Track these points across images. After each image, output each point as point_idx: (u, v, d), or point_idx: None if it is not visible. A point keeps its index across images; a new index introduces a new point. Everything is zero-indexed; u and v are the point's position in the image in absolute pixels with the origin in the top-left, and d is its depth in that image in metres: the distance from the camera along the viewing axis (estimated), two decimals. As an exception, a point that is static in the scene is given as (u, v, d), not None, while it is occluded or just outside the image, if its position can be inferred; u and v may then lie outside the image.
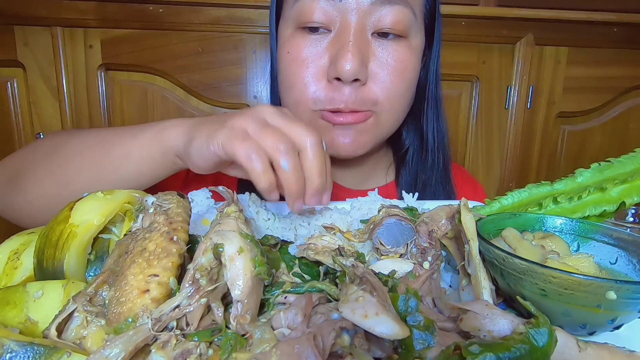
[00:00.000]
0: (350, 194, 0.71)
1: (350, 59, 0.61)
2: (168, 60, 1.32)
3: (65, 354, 0.28)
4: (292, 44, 0.67)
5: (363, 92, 0.65)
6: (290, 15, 0.67)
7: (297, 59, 0.66)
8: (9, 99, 1.30)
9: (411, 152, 0.82)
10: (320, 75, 0.66)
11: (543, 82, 1.49)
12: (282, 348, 0.27)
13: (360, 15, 0.63)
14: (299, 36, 0.66)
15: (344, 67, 0.61)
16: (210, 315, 0.32)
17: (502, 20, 1.38)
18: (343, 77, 0.62)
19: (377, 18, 0.63)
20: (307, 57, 0.65)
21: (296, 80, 0.67)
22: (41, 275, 0.38)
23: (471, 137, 1.52)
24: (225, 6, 1.28)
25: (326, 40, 0.65)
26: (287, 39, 0.67)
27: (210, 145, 0.48)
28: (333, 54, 0.64)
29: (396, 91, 0.67)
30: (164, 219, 0.36)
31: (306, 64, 0.66)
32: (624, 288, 0.32)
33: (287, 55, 0.67)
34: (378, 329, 0.26)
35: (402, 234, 0.45)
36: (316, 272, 0.41)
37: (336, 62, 0.62)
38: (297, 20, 0.65)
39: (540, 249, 0.41)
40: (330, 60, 0.64)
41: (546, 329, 0.29)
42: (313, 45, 0.65)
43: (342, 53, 0.61)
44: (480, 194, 0.91)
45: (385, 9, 0.63)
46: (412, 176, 0.81)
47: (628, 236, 0.42)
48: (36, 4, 1.22)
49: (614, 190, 0.50)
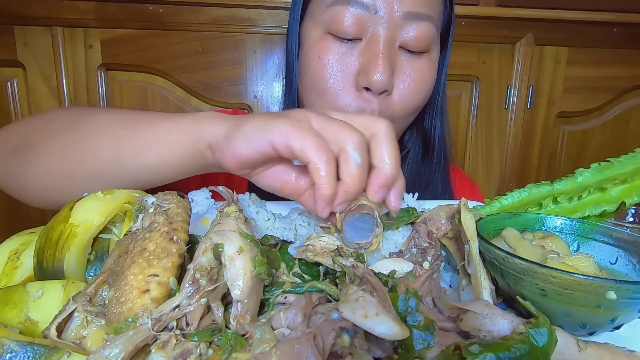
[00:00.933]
0: None
1: (382, 71, 0.62)
2: (168, 60, 1.32)
3: (65, 354, 0.28)
4: (323, 48, 0.67)
5: (387, 104, 0.67)
6: (321, 19, 0.67)
7: (329, 64, 0.66)
8: (9, 99, 1.30)
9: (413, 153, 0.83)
10: (350, 84, 0.66)
11: (543, 82, 1.49)
12: (282, 348, 0.27)
13: (390, 27, 0.64)
14: (330, 41, 0.66)
15: (376, 78, 0.62)
16: (210, 315, 0.32)
17: (502, 20, 1.38)
18: (374, 88, 0.63)
19: (405, 32, 0.65)
20: (339, 64, 0.66)
21: (327, 87, 0.67)
22: (41, 275, 0.38)
23: (471, 137, 1.52)
24: (225, 6, 1.28)
25: (357, 48, 0.66)
26: (317, 42, 0.68)
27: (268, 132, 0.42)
28: (364, 63, 0.65)
29: (413, 104, 0.69)
30: (164, 219, 0.36)
31: (337, 71, 0.66)
32: (624, 288, 0.32)
33: (317, 60, 0.67)
34: (378, 329, 0.26)
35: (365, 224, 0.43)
36: (316, 272, 0.41)
37: (367, 72, 0.63)
38: (329, 25, 0.66)
39: (540, 249, 0.41)
40: (360, 69, 0.65)
41: (546, 329, 0.29)
42: (345, 52, 0.66)
43: (373, 64, 0.63)
44: (478, 195, 0.92)
45: (413, 24, 0.65)
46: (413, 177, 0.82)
47: (628, 236, 0.42)
48: (36, 4, 1.22)
49: (614, 190, 0.50)
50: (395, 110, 0.68)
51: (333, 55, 0.66)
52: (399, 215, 0.52)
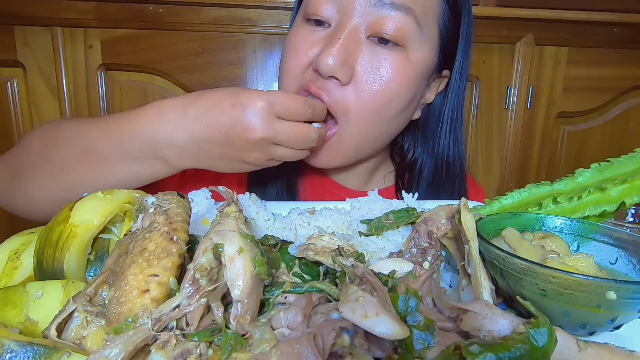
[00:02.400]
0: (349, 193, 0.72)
1: (332, 54, 0.60)
2: (168, 60, 1.32)
3: (65, 354, 0.28)
4: (294, 32, 0.68)
5: (339, 94, 0.63)
6: (302, 6, 0.69)
7: (294, 46, 0.67)
8: (9, 99, 1.30)
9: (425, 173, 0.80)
10: (305, 65, 0.66)
11: (543, 82, 1.49)
12: (282, 348, 0.27)
13: (359, 15, 0.62)
14: (302, 26, 0.67)
15: (324, 60, 0.60)
16: (210, 315, 0.32)
17: (502, 20, 1.38)
18: (320, 70, 0.61)
19: (375, 21, 0.62)
20: (300, 46, 0.66)
21: (286, 67, 0.68)
22: (41, 275, 0.38)
23: (471, 137, 1.52)
24: (225, 6, 1.28)
25: (322, 32, 0.65)
26: (294, 27, 0.70)
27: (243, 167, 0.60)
28: (323, 46, 0.63)
29: (373, 100, 0.63)
30: (164, 219, 0.36)
31: (299, 53, 0.66)
32: (624, 288, 0.32)
33: (287, 43, 0.69)
34: (378, 329, 0.26)
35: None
36: (316, 272, 0.41)
37: (320, 54, 0.61)
38: (305, 11, 0.66)
39: (540, 249, 0.41)
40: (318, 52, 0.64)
41: (546, 329, 0.29)
42: (310, 35, 0.65)
43: (328, 47, 0.61)
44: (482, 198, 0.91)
45: (385, 12, 0.61)
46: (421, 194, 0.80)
47: (628, 236, 0.42)
48: (36, 4, 1.22)
49: (614, 190, 0.50)
50: (349, 102, 0.63)
51: (299, 37, 0.66)
52: (399, 215, 0.52)
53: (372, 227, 0.52)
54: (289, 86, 0.68)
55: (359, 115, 0.64)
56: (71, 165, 0.61)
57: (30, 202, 0.63)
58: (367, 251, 0.47)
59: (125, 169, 0.59)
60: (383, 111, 0.65)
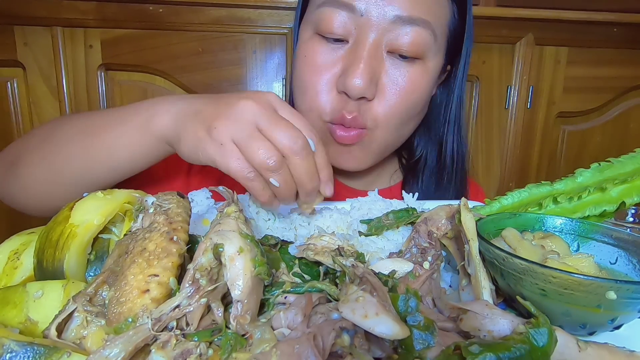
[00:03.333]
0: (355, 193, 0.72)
1: (360, 75, 0.60)
2: (168, 60, 1.32)
3: (65, 354, 0.28)
4: (309, 47, 0.66)
5: (368, 109, 0.65)
6: (311, 19, 0.66)
7: (313, 64, 0.66)
8: (9, 99, 1.30)
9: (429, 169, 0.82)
10: (331, 85, 0.65)
11: (543, 82, 1.49)
12: (282, 348, 0.27)
13: (378, 31, 0.62)
14: (317, 41, 0.66)
15: (353, 82, 0.61)
16: (210, 315, 0.32)
17: (502, 20, 1.38)
18: (350, 93, 0.62)
19: (394, 37, 0.62)
20: (321, 64, 0.65)
21: (308, 86, 0.66)
22: (41, 275, 0.38)
23: (471, 137, 1.52)
24: (225, 6, 1.28)
25: (342, 50, 0.64)
26: (305, 42, 0.67)
27: (200, 155, 0.49)
28: (345, 66, 0.63)
29: (398, 112, 0.66)
30: (164, 219, 0.36)
31: (320, 70, 0.65)
32: (624, 288, 0.32)
33: (303, 59, 0.67)
34: (378, 329, 0.26)
35: None
36: (316, 272, 0.41)
37: (346, 76, 0.62)
38: (317, 26, 0.65)
39: (540, 249, 0.41)
40: (342, 71, 0.64)
41: (546, 329, 0.29)
42: (329, 53, 0.65)
43: (353, 67, 0.61)
44: (482, 197, 0.91)
45: (404, 29, 0.62)
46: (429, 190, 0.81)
47: (628, 236, 0.42)
48: (36, 4, 1.22)
49: (614, 190, 0.50)
50: (377, 117, 0.65)
51: (318, 55, 0.65)
52: (399, 215, 0.52)
53: (372, 227, 0.52)
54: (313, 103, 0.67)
55: (385, 123, 0.67)
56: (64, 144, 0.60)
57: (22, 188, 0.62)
58: (367, 251, 0.47)
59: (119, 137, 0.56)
60: (405, 117, 0.68)
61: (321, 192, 0.51)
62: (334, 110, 0.65)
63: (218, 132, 0.47)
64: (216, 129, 0.47)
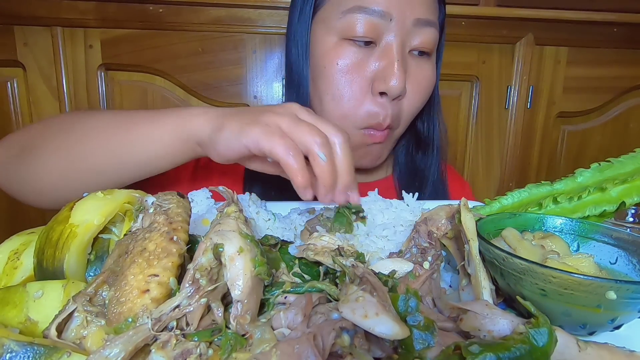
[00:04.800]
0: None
1: (398, 77, 0.65)
2: (168, 60, 1.32)
3: (65, 354, 0.28)
4: (340, 54, 0.68)
5: (399, 106, 0.70)
6: (336, 25, 0.68)
7: (347, 70, 0.68)
8: (9, 99, 1.30)
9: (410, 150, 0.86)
10: (367, 89, 0.69)
11: (543, 82, 1.49)
12: (282, 348, 0.27)
13: (403, 34, 0.67)
14: (347, 46, 0.68)
15: (392, 84, 0.65)
16: (210, 315, 0.32)
17: (502, 20, 1.38)
18: (391, 93, 0.66)
19: (414, 38, 0.68)
20: (356, 70, 0.68)
21: (345, 92, 0.69)
22: (41, 275, 0.38)
23: (471, 137, 1.52)
24: (225, 6, 1.28)
25: (373, 54, 0.68)
26: (333, 48, 0.69)
27: (243, 138, 0.49)
28: (380, 69, 0.67)
29: (418, 106, 0.73)
30: (164, 219, 0.36)
31: (355, 77, 0.68)
32: (624, 288, 0.32)
33: (335, 66, 0.69)
34: (378, 329, 0.26)
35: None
36: (316, 272, 0.41)
37: (385, 78, 0.66)
38: (345, 32, 0.67)
39: (540, 249, 0.41)
40: (377, 75, 0.68)
41: (546, 329, 0.29)
42: (361, 58, 0.68)
43: (390, 70, 0.66)
44: (468, 192, 0.93)
45: (422, 30, 0.68)
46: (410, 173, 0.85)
47: (628, 236, 0.42)
48: (36, 4, 1.22)
49: (614, 190, 0.50)
50: (404, 113, 0.72)
51: (350, 61, 0.68)
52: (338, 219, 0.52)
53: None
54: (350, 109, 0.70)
55: (406, 120, 0.74)
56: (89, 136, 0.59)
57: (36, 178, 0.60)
58: (367, 251, 0.47)
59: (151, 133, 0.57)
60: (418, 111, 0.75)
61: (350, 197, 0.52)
62: (371, 115, 0.69)
63: (266, 117, 0.49)
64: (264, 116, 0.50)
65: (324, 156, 0.47)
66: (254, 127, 0.49)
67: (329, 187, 0.49)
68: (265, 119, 0.49)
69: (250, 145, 0.49)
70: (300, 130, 0.48)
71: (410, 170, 0.85)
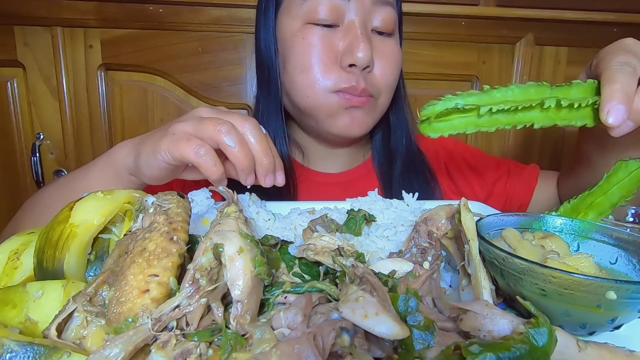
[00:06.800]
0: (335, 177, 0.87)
1: (364, 48, 0.70)
2: (168, 60, 1.32)
3: (65, 354, 0.28)
4: (306, 32, 0.73)
5: (370, 78, 0.75)
6: (299, 12, 0.74)
7: (314, 43, 0.73)
8: (9, 99, 1.30)
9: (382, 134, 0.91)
10: (335, 62, 0.73)
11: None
12: (282, 348, 0.27)
13: (363, 13, 0.73)
14: (311, 27, 0.73)
15: (359, 55, 0.70)
16: (210, 315, 0.32)
17: (502, 20, 1.38)
18: (359, 64, 0.71)
19: (375, 16, 0.74)
20: (320, 43, 0.73)
21: (313, 62, 0.73)
22: (41, 275, 0.38)
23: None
24: (225, 6, 1.28)
25: (336, 33, 0.73)
26: (299, 30, 0.74)
27: (157, 154, 0.52)
28: (346, 44, 0.72)
29: (392, 79, 0.79)
30: (164, 219, 0.36)
31: (322, 49, 0.73)
32: (624, 288, 0.32)
33: (302, 41, 0.74)
34: (378, 329, 0.26)
35: None
36: (316, 272, 0.41)
37: (352, 51, 0.71)
38: (308, 16, 0.73)
39: (540, 249, 0.41)
40: (344, 50, 0.72)
41: (546, 329, 0.29)
42: (325, 35, 0.73)
43: (356, 43, 0.70)
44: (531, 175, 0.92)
45: (380, 10, 0.74)
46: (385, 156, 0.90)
47: (628, 236, 0.42)
48: (36, 4, 1.22)
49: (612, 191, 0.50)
50: (378, 84, 0.76)
51: (316, 37, 0.73)
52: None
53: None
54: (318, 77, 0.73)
55: (386, 90, 0.78)
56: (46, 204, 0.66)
57: None
58: (367, 251, 0.47)
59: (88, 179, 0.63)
60: (395, 85, 0.81)
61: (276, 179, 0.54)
62: (342, 79, 0.73)
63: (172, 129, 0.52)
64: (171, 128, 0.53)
65: (231, 142, 0.49)
66: (163, 140, 0.52)
67: (247, 170, 0.51)
68: (172, 129, 0.52)
69: (165, 158, 0.52)
70: (204, 127, 0.50)
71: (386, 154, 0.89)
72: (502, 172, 0.93)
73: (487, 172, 0.93)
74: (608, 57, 0.48)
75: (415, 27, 1.34)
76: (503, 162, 0.97)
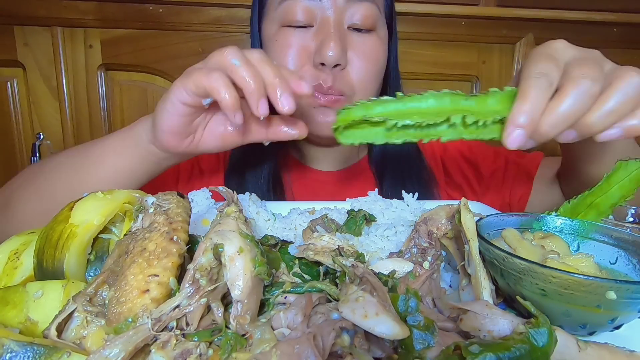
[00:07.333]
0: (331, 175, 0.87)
1: (333, 47, 0.69)
2: (168, 60, 1.32)
3: (65, 354, 0.28)
4: (280, 36, 0.74)
5: (343, 76, 0.74)
6: (275, 16, 0.75)
7: (286, 44, 0.73)
8: (9, 99, 1.30)
9: None
10: (305, 60, 0.73)
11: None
12: (282, 348, 0.27)
13: (337, 11, 0.72)
14: (285, 30, 0.74)
15: (328, 53, 0.69)
16: (210, 315, 0.32)
17: (502, 20, 1.38)
18: (327, 62, 0.70)
19: (350, 14, 0.73)
20: (293, 44, 0.73)
21: (287, 63, 0.73)
22: (41, 275, 0.38)
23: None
24: (225, 6, 1.28)
25: (309, 33, 0.73)
26: (275, 34, 0.75)
27: (171, 94, 0.53)
28: (317, 43, 0.72)
29: (368, 76, 0.76)
30: (164, 219, 0.36)
31: (293, 49, 0.73)
32: (624, 288, 0.32)
33: (276, 43, 0.74)
34: (378, 329, 0.26)
35: None
36: (316, 272, 0.41)
37: (321, 50, 0.70)
38: (282, 19, 0.73)
39: (540, 249, 0.41)
40: (316, 50, 0.72)
41: (546, 329, 0.29)
42: (299, 36, 0.73)
43: (326, 42, 0.70)
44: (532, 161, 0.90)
45: (356, 6, 0.72)
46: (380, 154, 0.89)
47: (628, 236, 0.42)
48: (36, 4, 1.22)
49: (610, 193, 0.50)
50: (352, 82, 0.75)
51: (290, 39, 0.73)
52: None
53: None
54: None
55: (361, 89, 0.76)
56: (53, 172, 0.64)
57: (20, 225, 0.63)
58: (367, 251, 0.47)
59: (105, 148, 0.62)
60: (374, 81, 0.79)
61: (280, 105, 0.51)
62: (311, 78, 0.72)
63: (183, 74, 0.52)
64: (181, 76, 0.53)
65: (237, 61, 0.49)
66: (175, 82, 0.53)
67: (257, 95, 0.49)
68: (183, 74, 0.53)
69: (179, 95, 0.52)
70: (212, 59, 0.51)
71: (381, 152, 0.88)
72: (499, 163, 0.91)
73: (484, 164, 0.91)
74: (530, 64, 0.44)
75: (415, 27, 1.34)
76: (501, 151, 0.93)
